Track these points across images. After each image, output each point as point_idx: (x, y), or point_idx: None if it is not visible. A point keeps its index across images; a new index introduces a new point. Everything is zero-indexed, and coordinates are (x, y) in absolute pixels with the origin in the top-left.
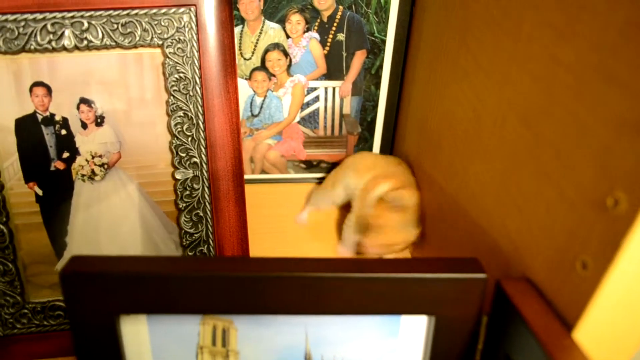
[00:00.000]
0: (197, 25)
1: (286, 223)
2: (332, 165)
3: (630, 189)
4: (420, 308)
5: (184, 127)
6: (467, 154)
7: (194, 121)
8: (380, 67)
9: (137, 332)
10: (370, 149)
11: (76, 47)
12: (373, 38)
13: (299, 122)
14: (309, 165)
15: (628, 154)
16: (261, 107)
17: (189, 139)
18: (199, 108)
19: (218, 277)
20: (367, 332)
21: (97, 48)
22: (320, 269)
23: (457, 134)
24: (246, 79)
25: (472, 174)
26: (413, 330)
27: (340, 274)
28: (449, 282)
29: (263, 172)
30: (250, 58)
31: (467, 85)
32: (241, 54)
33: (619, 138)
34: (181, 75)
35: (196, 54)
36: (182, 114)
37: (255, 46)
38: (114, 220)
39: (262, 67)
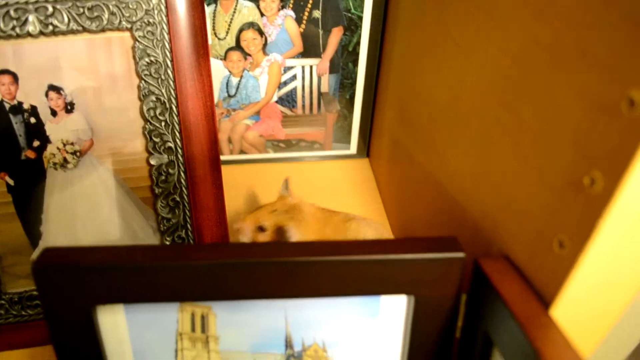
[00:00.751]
0: (166, 7)
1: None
2: (312, 144)
3: (606, 168)
4: (399, 288)
5: (157, 112)
6: (446, 133)
7: (167, 105)
8: (358, 44)
9: (114, 321)
10: (349, 126)
11: (41, 33)
12: (349, 15)
13: (276, 102)
14: (289, 144)
15: (605, 135)
16: (237, 88)
17: (163, 123)
18: (172, 92)
19: (194, 265)
20: (347, 313)
21: (64, 33)
22: (298, 253)
23: (436, 113)
24: (221, 59)
25: (451, 153)
26: (393, 310)
27: (318, 258)
28: (427, 262)
29: (242, 152)
30: (224, 38)
31: (445, 64)
32: (215, 33)
33: (596, 119)
34: (152, 58)
35: (166, 36)
36: (154, 99)
37: (229, 25)
38: (90, 208)
39: (237, 46)
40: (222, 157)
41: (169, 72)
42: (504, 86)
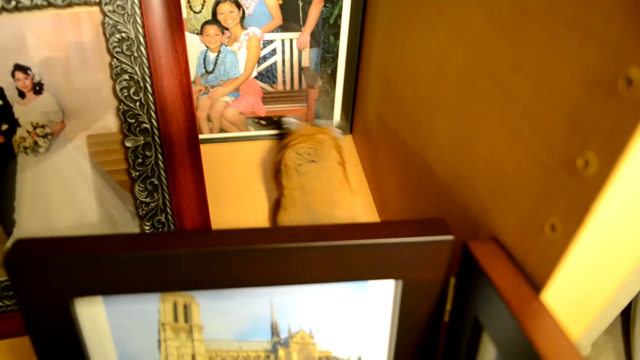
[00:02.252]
0: None
1: (248, 182)
2: None
3: (601, 150)
4: (387, 272)
5: (131, 91)
6: (432, 108)
7: (141, 84)
8: (339, 16)
9: (93, 313)
10: (332, 102)
11: (4, 9)
12: None
13: (256, 77)
14: (270, 121)
15: (600, 114)
16: (215, 63)
17: (137, 103)
18: (145, 70)
19: (175, 254)
20: (334, 298)
21: (28, 8)
22: (282, 239)
23: (421, 88)
24: (197, 33)
25: (437, 130)
26: (380, 294)
27: (303, 244)
28: (415, 245)
29: (222, 130)
30: (200, 11)
31: (430, 36)
32: (190, 7)
33: (592, 97)
34: (123, 35)
35: (138, 11)
36: (127, 77)
37: None
38: (64, 193)
39: (214, 20)
40: (201, 136)
41: (142, 48)
42: (492, 58)
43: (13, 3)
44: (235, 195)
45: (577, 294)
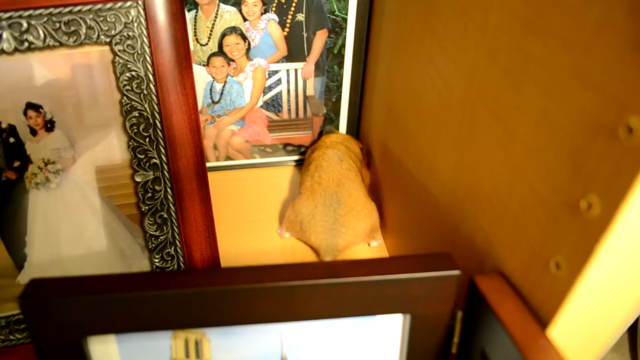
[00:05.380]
0: (146, 19)
1: (254, 209)
2: (298, 148)
3: (604, 194)
4: (394, 307)
5: (141, 128)
6: (436, 141)
7: (151, 121)
8: (343, 46)
9: (106, 350)
10: (336, 130)
11: (16, 50)
12: (334, 17)
13: (261, 107)
14: (275, 149)
15: (602, 160)
16: (221, 94)
17: (147, 139)
18: (155, 107)
19: (186, 293)
20: (343, 332)
21: (40, 49)
22: (291, 277)
23: (425, 120)
24: (204, 65)
25: (441, 162)
26: (389, 328)
27: (312, 281)
28: (422, 281)
29: (228, 158)
30: (206, 44)
31: (433, 69)
32: (197, 39)
33: (593, 142)
34: (133, 73)
35: (147, 50)
36: (137, 114)
37: (211, 31)
38: (75, 227)
39: (220, 52)
40: (208, 164)
41: (152, 86)
42: (496, 99)
43: (26, 44)
44: (242, 223)
45: (583, 330)
